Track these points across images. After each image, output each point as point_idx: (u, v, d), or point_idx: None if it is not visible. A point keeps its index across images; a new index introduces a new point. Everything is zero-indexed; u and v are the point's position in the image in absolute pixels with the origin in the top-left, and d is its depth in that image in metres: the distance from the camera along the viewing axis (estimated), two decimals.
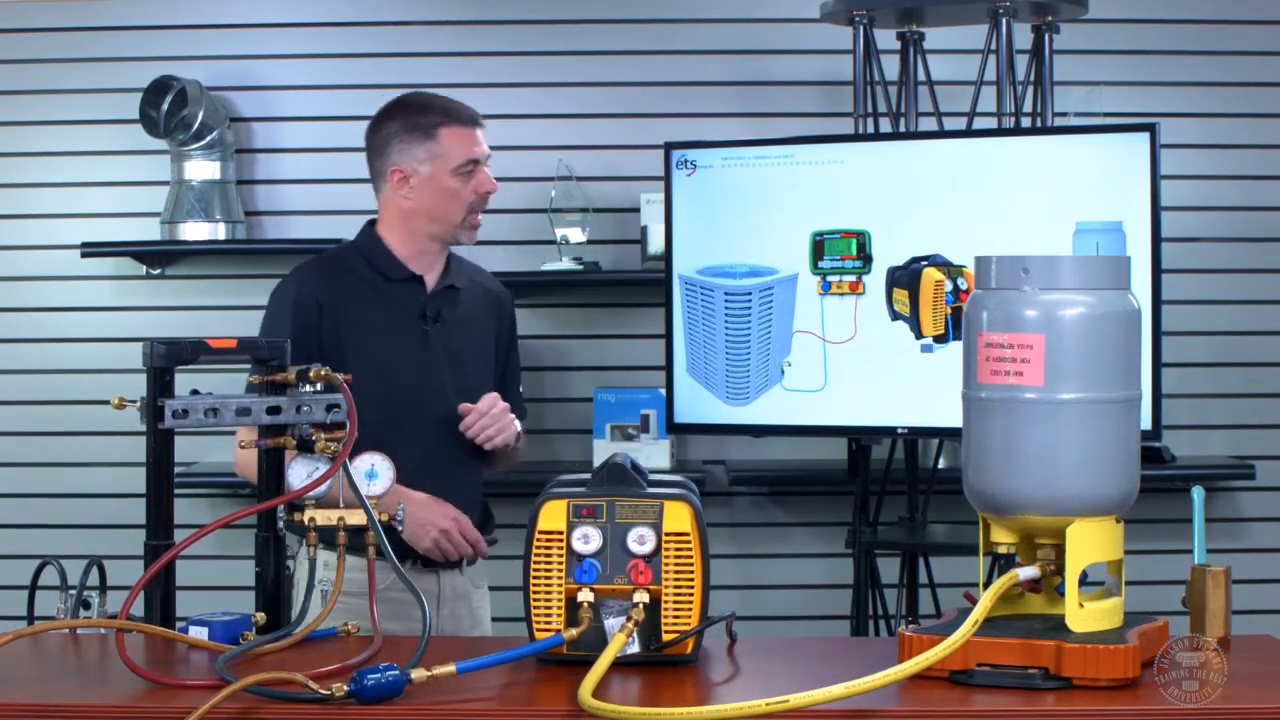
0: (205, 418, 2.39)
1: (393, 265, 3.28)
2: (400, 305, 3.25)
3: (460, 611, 3.27)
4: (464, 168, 3.24)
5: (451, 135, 3.25)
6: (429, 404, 3.22)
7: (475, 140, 3.27)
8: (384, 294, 3.26)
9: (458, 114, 3.29)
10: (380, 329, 3.22)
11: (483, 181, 3.26)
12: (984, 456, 2.14)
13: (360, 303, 3.23)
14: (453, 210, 3.26)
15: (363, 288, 3.26)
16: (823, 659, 2.28)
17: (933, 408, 3.79)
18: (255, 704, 1.99)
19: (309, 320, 3.18)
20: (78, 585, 2.49)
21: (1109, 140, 3.83)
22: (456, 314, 3.31)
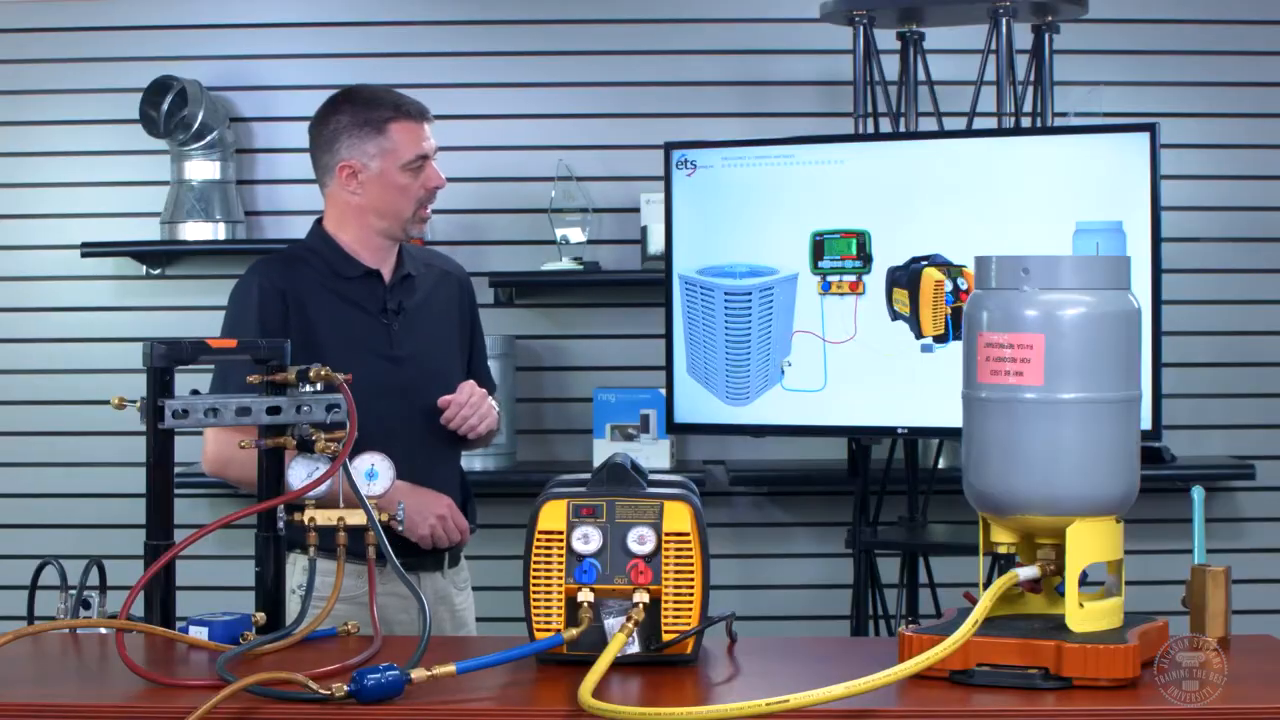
0: (205, 418, 2.39)
1: (347, 262, 3.22)
2: (360, 301, 3.21)
3: (442, 614, 3.22)
4: (413, 163, 3.18)
5: (401, 130, 3.18)
6: (401, 397, 3.17)
7: (424, 135, 3.21)
8: (343, 290, 3.20)
9: (407, 108, 3.22)
10: (344, 325, 3.17)
11: (431, 176, 3.21)
12: (984, 456, 2.14)
13: (322, 298, 3.18)
14: (403, 205, 3.20)
15: (320, 284, 3.19)
16: (823, 659, 2.28)
17: (933, 408, 3.79)
18: (255, 704, 1.99)
19: (275, 312, 3.11)
20: (78, 585, 2.49)
21: (1109, 140, 3.83)
22: (417, 303, 3.26)
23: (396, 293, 3.24)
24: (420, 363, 3.22)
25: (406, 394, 3.18)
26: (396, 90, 3.28)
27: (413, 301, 3.26)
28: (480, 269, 4.58)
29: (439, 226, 4.62)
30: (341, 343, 3.13)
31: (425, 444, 3.21)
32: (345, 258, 3.22)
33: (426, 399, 3.19)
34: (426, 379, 3.21)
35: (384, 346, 3.19)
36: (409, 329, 3.23)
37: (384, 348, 3.19)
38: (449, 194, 4.61)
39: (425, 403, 3.19)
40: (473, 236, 4.66)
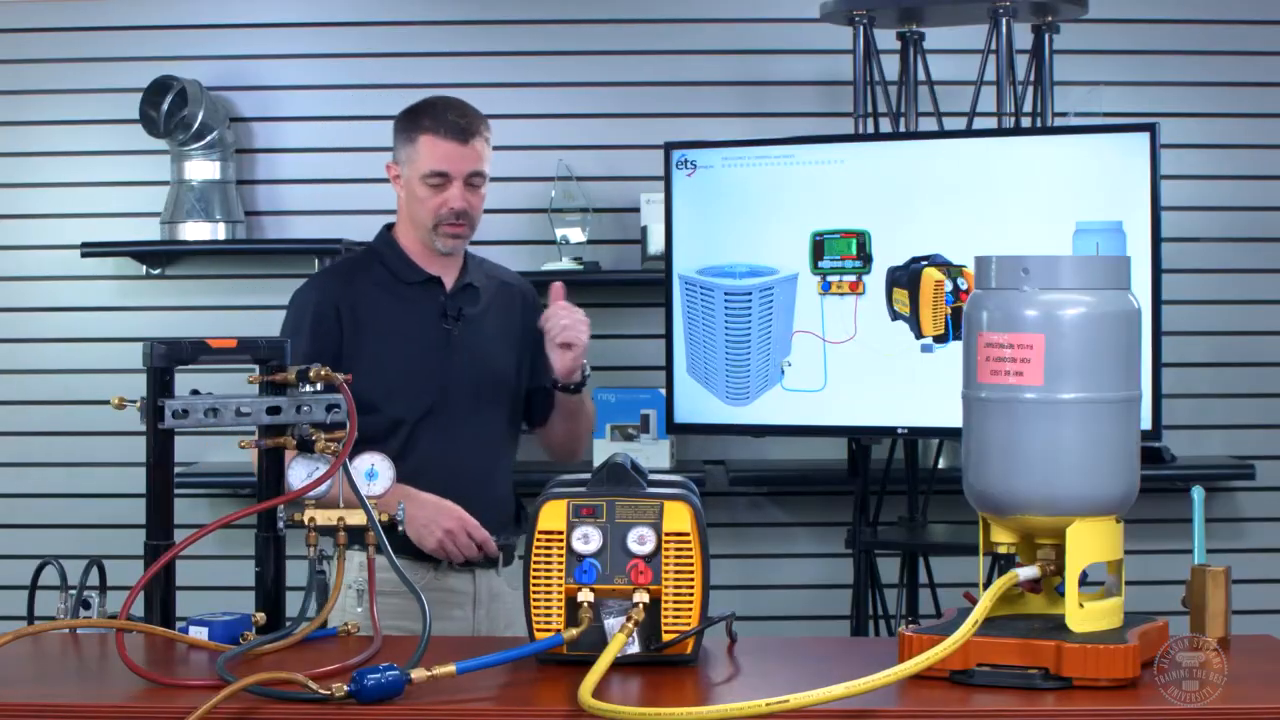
0: (205, 418, 2.39)
1: (408, 268, 3.33)
2: (420, 306, 3.29)
3: (496, 612, 3.27)
4: (431, 178, 3.25)
5: (428, 143, 3.26)
6: (455, 402, 3.25)
7: (451, 155, 3.26)
8: (403, 296, 3.30)
9: (443, 125, 3.27)
10: (402, 331, 3.26)
11: (451, 197, 3.26)
12: (984, 456, 2.14)
13: (379, 306, 3.27)
14: (422, 216, 3.29)
15: (381, 291, 3.29)
16: (823, 659, 2.28)
17: (933, 408, 3.79)
18: (255, 704, 1.99)
19: (328, 327, 3.23)
20: (78, 585, 2.49)
21: (1109, 140, 3.83)
22: (478, 312, 3.34)
23: (457, 300, 3.32)
24: (477, 367, 3.29)
25: (459, 399, 3.26)
26: (463, 108, 3.33)
27: (475, 310, 3.33)
28: None
29: None
30: (397, 350, 3.23)
31: (476, 450, 3.28)
32: (408, 264, 3.32)
33: (478, 406, 3.27)
34: (482, 383, 3.28)
35: (440, 351, 3.26)
36: (468, 335, 3.30)
37: (440, 352, 3.26)
38: None
39: (477, 409, 3.27)
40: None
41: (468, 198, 3.27)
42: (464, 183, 3.26)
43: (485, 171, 3.31)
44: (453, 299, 3.32)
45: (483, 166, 3.29)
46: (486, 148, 3.31)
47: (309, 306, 3.28)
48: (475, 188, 3.29)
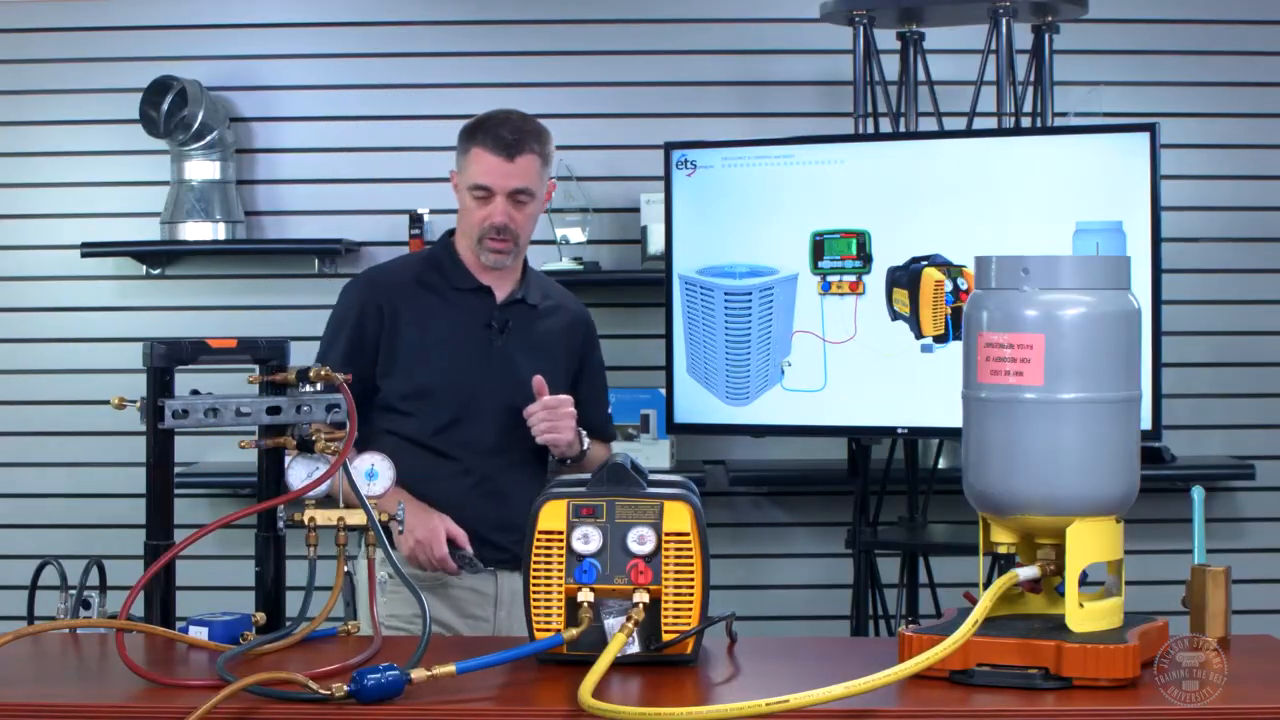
0: (205, 418, 2.39)
1: (461, 275, 3.29)
2: (466, 314, 3.27)
3: (517, 613, 3.24)
4: (475, 191, 3.22)
5: (477, 156, 3.21)
6: (489, 408, 3.22)
7: (494, 170, 3.20)
8: (451, 302, 3.28)
9: (491, 139, 3.20)
10: (442, 335, 3.24)
11: (493, 212, 3.21)
12: (984, 456, 2.14)
13: (424, 308, 3.25)
14: (468, 227, 3.26)
15: (429, 294, 3.27)
16: (823, 659, 2.28)
17: (933, 408, 3.79)
18: (255, 704, 1.99)
19: (369, 327, 3.23)
20: (78, 585, 2.49)
21: (1109, 140, 3.83)
22: (527, 328, 3.30)
23: (506, 313, 3.28)
24: (512, 380, 3.22)
25: (493, 406, 3.22)
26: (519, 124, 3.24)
27: (524, 326, 3.29)
28: None
29: (440, 226, 4.62)
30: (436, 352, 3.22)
31: (507, 457, 3.24)
32: (461, 271, 3.29)
33: (512, 414, 3.20)
34: (516, 396, 3.20)
35: (479, 357, 3.23)
36: (510, 348, 3.26)
37: (478, 358, 3.23)
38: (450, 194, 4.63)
39: (511, 417, 3.21)
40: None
41: (511, 213, 3.21)
42: (508, 199, 3.21)
43: (532, 189, 3.22)
44: (501, 311, 3.28)
45: (529, 184, 3.21)
46: (536, 165, 3.22)
47: (354, 303, 3.26)
48: (521, 204, 3.22)
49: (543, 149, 3.24)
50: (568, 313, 3.40)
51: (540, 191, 3.26)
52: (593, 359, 3.43)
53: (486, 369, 3.23)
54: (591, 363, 3.42)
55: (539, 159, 3.22)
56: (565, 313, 3.39)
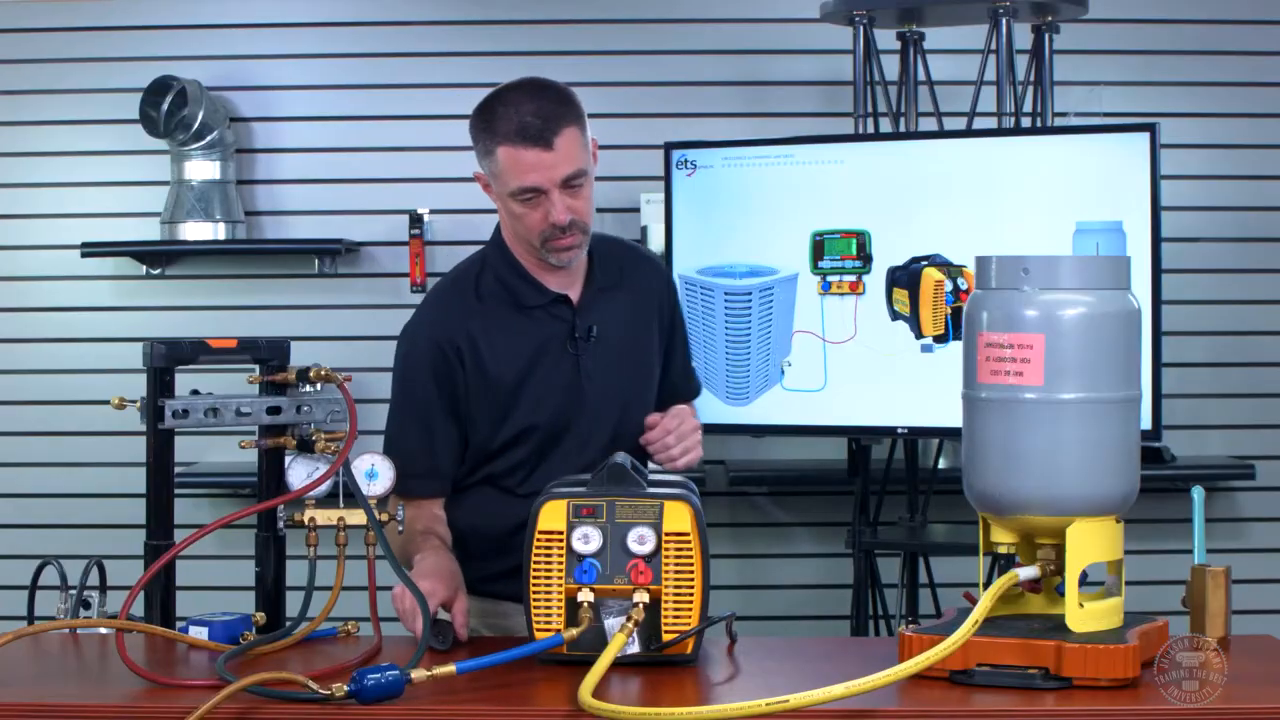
0: (205, 418, 2.39)
1: (530, 289, 2.78)
2: (546, 331, 2.77)
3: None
4: (521, 195, 2.67)
5: (508, 156, 2.66)
6: (588, 429, 2.77)
7: (536, 165, 2.65)
8: (528, 317, 2.77)
9: (519, 130, 2.66)
10: (527, 369, 2.75)
11: (555, 210, 2.66)
12: (984, 456, 2.14)
13: (502, 339, 2.75)
14: (526, 235, 2.72)
15: (502, 319, 2.78)
16: (823, 659, 2.28)
17: (933, 408, 3.79)
18: (255, 704, 1.99)
19: (446, 369, 2.74)
20: (78, 585, 2.49)
21: (1109, 140, 3.83)
22: (613, 321, 2.81)
23: (587, 315, 2.79)
24: (610, 390, 2.78)
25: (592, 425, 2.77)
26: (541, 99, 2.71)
27: (609, 320, 2.81)
28: None
29: (440, 226, 4.62)
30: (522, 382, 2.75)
31: None
32: (529, 284, 2.78)
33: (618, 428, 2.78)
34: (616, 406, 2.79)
35: (568, 377, 2.76)
36: (599, 357, 2.78)
37: (568, 379, 2.76)
38: (450, 194, 4.65)
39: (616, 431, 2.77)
40: (473, 236, 4.65)
41: (570, 204, 2.67)
42: (562, 190, 2.67)
43: (584, 169, 2.69)
44: (582, 316, 2.78)
45: (578, 165, 2.68)
46: (578, 138, 2.69)
47: (426, 352, 2.75)
48: (576, 189, 2.69)
49: (574, 115, 2.72)
50: (644, 275, 2.89)
51: (590, 164, 2.73)
52: (678, 316, 2.96)
53: (578, 386, 2.76)
54: (678, 322, 2.96)
55: (577, 129, 2.70)
56: (641, 277, 2.88)
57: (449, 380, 2.74)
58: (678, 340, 2.95)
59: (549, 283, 2.78)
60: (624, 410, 2.78)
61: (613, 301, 2.82)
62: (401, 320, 2.84)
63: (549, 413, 2.74)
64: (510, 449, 2.75)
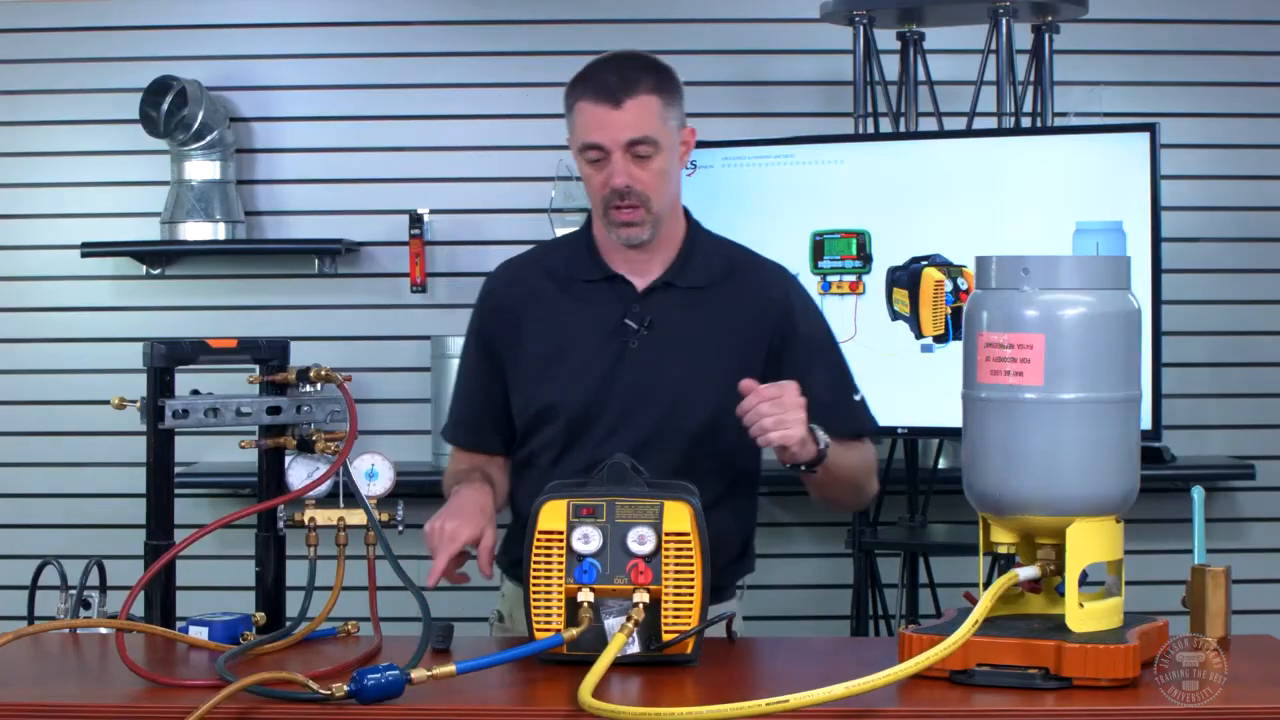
0: (205, 418, 2.39)
1: (589, 263, 2.69)
2: (597, 310, 2.66)
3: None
4: (587, 152, 2.59)
5: (581, 111, 2.59)
6: (619, 418, 2.62)
7: (601, 122, 2.56)
8: (580, 296, 2.68)
9: (593, 86, 2.58)
10: (566, 341, 2.67)
11: (615, 172, 2.57)
12: (984, 456, 2.14)
13: (550, 307, 2.69)
14: (591, 197, 2.65)
15: (557, 288, 2.70)
16: (823, 659, 2.28)
17: (933, 408, 3.79)
18: (255, 704, 1.99)
19: (491, 332, 2.74)
20: (78, 585, 2.49)
21: (1109, 140, 3.84)
22: (685, 319, 2.65)
23: (649, 305, 2.65)
24: (661, 392, 2.63)
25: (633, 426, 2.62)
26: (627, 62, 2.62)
27: (678, 318, 2.65)
28: (480, 269, 4.57)
29: (440, 226, 4.62)
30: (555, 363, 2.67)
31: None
32: (591, 258, 2.69)
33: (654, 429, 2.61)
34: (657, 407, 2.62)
35: (611, 367, 2.64)
36: (655, 349, 2.64)
37: (610, 368, 2.63)
38: (450, 194, 4.65)
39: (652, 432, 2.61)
40: (473, 236, 4.66)
41: (633, 172, 2.57)
42: (625, 153, 2.56)
43: (653, 137, 2.57)
44: (643, 302, 2.65)
45: (647, 131, 2.56)
46: (655, 108, 2.58)
47: (479, 312, 2.77)
48: (644, 159, 2.57)
49: (662, 86, 2.60)
50: (750, 285, 2.69)
51: (669, 140, 2.60)
52: (800, 336, 2.69)
53: (619, 380, 2.63)
54: (799, 341, 2.68)
55: (658, 99, 2.59)
56: (746, 286, 2.69)
57: (493, 342, 2.73)
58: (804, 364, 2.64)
59: (614, 262, 2.68)
60: (673, 409, 2.62)
61: (693, 300, 2.66)
62: (401, 320, 2.85)
63: (579, 394, 2.63)
64: (541, 427, 2.68)
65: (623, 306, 2.66)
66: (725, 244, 2.78)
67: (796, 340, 2.68)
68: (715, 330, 2.65)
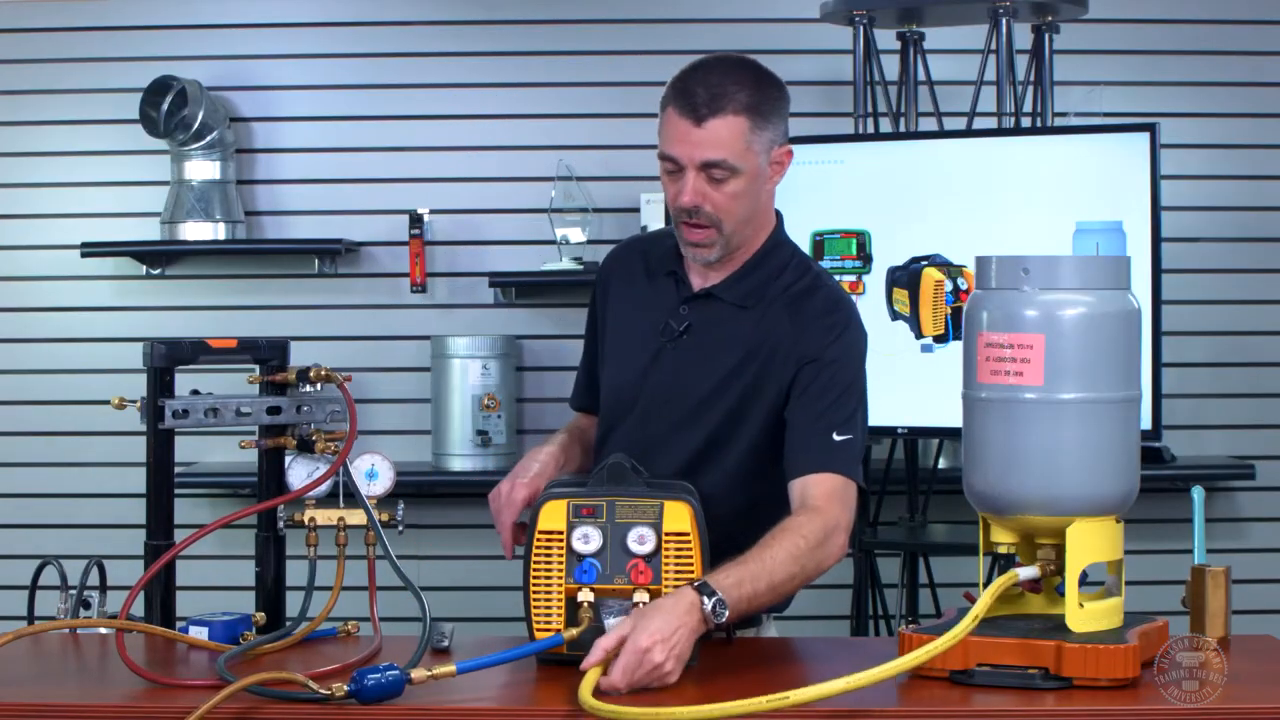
0: (205, 418, 2.39)
1: (670, 254, 2.63)
2: (658, 303, 2.62)
3: None
4: (664, 162, 2.51)
5: (667, 118, 2.50)
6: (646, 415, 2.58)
7: (680, 137, 2.46)
8: (654, 284, 2.65)
9: (679, 96, 2.48)
10: (630, 329, 2.65)
11: (680, 190, 2.49)
12: (984, 456, 2.14)
13: (629, 292, 2.67)
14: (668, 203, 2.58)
15: (643, 272, 2.66)
16: (823, 658, 2.28)
17: (933, 408, 3.79)
18: (255, 704, 1.99)
19: (594, 305, 2.74)
20: (78, 585, 2.49)
21: (1109, 140, 3.84)
22: (719, 333, 2.57)
23: (692, 310, 2.59)
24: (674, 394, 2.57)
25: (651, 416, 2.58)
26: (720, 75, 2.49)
27: (716, 332, 2.58)
28: (480, 269, 4.58)
29: (439, 226, 4.62)
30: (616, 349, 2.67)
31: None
32: (674, 252, 2.63)
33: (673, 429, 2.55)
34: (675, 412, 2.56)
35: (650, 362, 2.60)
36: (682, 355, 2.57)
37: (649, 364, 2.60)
38: (450, 194, 4.65)
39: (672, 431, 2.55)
40: (473, 236, 4.66)
41: (706, 191, 2.48)
42: (699, 173, 2.47)
43: (731, 163, 2.46)
44: (690, 306, 2.59)
45: (725, 155, 2.45)
46: (741, 131, 2.46)
47: (596, 283, 2.75)
48: (718, 182, 2.47)
49: (756, 106, 2.48)
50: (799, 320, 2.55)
51: (752, 163, 2.48)
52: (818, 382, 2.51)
53: (649, 378, 2.59)
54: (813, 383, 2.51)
55: (747, 121, 2.46)
56: (794, 320, 2.55)
57: (596, 314, 2.73)
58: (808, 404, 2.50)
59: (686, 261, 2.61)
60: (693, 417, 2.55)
61: (735, 317, 2.57)
62: (401, 320, 2.85)
63: (620, 380, 2.63)
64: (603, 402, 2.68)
65: (675, 305, 2.60)
66: (802, 271, 2.62)
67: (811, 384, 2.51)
68: (745, 352, 2.54)
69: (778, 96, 2.53)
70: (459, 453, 4.44)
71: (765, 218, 2.60)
